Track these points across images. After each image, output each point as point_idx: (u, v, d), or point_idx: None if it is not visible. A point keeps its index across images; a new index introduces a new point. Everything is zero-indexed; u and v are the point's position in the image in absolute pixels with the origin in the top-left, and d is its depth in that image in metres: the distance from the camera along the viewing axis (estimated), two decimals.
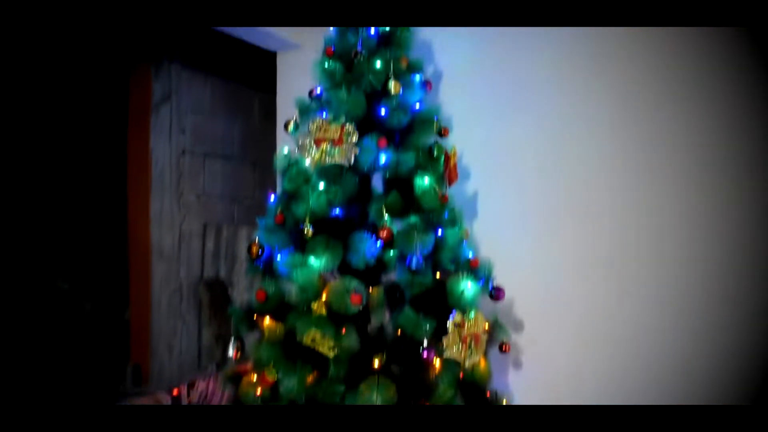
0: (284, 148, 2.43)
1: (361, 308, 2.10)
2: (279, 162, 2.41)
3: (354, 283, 2.12)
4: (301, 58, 3.41)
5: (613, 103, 2.72)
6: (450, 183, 2.46)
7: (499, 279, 2.49)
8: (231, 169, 4.32)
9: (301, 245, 2.24)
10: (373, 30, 2.37)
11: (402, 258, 2.27)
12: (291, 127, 2.41)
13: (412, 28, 2.49)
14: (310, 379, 2.11)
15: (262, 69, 3.73)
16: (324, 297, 2.15)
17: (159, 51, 3.77)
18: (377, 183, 2.46)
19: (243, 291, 4.00)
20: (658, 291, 2.56)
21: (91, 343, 3.86)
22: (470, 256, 2.48)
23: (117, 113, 3.86)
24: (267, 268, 2.38)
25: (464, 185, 2.97)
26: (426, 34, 3.05)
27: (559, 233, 2.81)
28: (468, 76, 3.03)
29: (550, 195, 2.84)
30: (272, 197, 2.41)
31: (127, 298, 3.96)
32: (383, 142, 2.23)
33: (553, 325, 2.77)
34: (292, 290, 2.24)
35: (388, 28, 2.44)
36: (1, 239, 3.60)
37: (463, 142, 2.94)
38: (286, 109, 3.48)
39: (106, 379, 3.86)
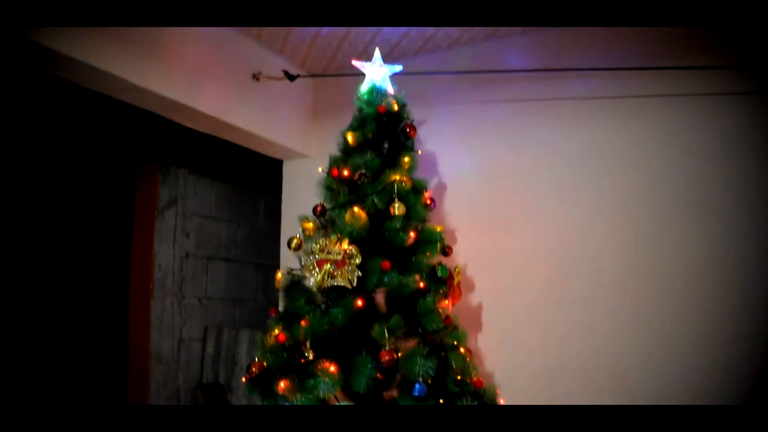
0: (286, 267, 2.42)
1: None
2: (281, 281, 2.39)
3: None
4: (307, 165, 3.46)
5: (616, 216, 2.74)
6: (454, 302, 2.43)
7: (504, 393, 2.46)
8: (234, 272, 4.31)
9: (302, 367, 2.19)
10: (376, 153, 2.39)
11: (405, 380, 2.21)
12: (294, 244, 2.41)
13: (418, 149, 2.52)
14: None
15: (268, 174, 3.78)
16: None
17: (167, 157, 3.84)
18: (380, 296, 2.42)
19: (242, 396, 3.90)
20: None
21: None
22: (474, 376, 2.41)
23: (123, 217, 3.90)
24: (267, 389, 2.31)
25: (468, 297, 2.94)
26: (430, 145, 3.11)
27: (567, 345, 2.77)
28: (472, 186, 3.06)
29: (555, 307, 2.81)
30: (273, 315, 2.38)
31: (125, 402, 3.86)
32: (387, 264, 2.22)
33: None
34: None
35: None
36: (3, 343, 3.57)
37: (467, 253, 2.95)
38: (290, 213, 3.50)
39: None
